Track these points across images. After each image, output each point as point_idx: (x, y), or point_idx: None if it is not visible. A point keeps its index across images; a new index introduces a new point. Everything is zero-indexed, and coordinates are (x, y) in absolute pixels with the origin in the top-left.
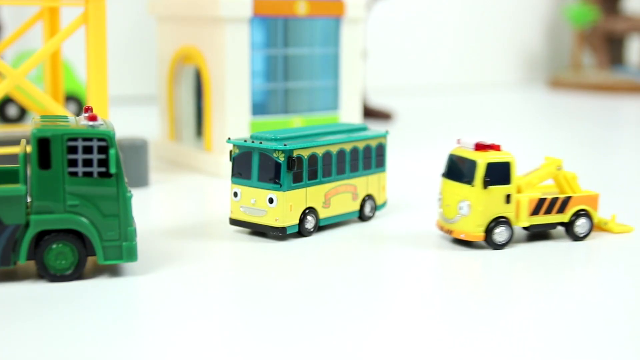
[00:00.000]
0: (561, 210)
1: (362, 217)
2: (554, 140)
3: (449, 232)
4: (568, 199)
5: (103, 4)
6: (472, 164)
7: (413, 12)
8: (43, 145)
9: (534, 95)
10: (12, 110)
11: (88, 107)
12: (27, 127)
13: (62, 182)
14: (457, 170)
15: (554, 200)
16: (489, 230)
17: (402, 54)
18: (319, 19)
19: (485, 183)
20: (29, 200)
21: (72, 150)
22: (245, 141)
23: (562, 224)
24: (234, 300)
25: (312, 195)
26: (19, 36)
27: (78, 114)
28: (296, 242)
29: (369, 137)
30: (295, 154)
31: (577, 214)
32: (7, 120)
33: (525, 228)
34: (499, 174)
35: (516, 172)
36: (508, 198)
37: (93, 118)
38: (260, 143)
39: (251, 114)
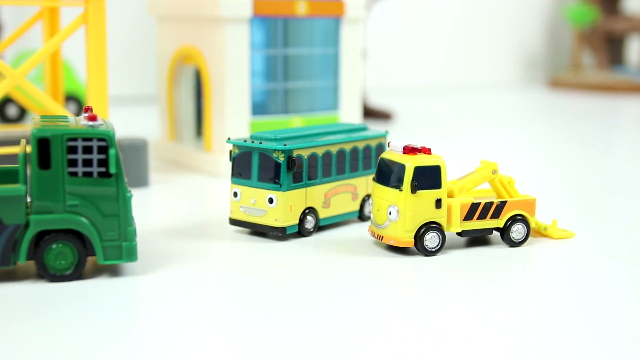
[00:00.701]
0: (496, 215)
1: (361, 217)
2: (554, 140)
3: (380, 237)
4: (503, 203)
5: (103, 4)
6: (401, 168)
7: (413, 12)
8: (43, 145)
9: (534, 95)
10: (12, 110)
11: (88, 107)
12: (27, 127)
13: (62, 182)
14: (387, 174)
15: (488, 205)
16: (420, 236)
17: (402, 54)
18: (319, 19)
19: (413, 187)
20: (29, 200)
21: (72, 150)
22: (245, 141)
23: (497, 229)
24: (234, 301)
25: (312, 195)
26: (19, 36)
27: (78, 114)
28: (296, 242)
29: (369, 137)
30: (295, 154)
31: (513, 219)
32: (7, 120)
33: (458, 234)
34: (428, 178)
35: (447, 176)
36: (439, 203)
37: (93, 118)
38: (260, 143)
39: (251, 114)
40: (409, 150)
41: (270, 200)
